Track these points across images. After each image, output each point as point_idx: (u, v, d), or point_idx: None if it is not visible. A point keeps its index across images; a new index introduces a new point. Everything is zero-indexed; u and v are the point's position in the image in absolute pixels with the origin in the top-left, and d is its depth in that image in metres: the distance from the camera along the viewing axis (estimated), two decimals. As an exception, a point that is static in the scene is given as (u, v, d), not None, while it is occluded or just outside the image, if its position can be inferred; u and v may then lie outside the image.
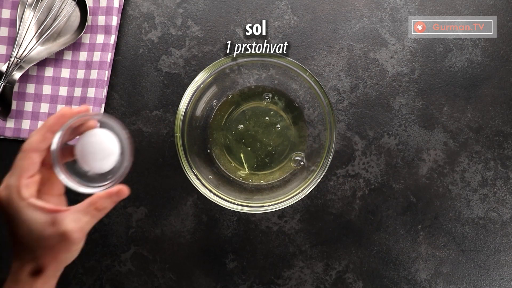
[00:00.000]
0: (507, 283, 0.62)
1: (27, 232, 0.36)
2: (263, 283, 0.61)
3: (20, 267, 0.37)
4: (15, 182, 0.36)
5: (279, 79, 0.58)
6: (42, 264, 0.37)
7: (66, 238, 0.36)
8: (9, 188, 0.36)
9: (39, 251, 0.36)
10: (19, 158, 0.38)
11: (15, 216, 0.36)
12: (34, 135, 0.38)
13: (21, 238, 0.37)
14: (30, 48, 0.59)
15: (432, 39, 0.61)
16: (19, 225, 0.36)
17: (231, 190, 0.56)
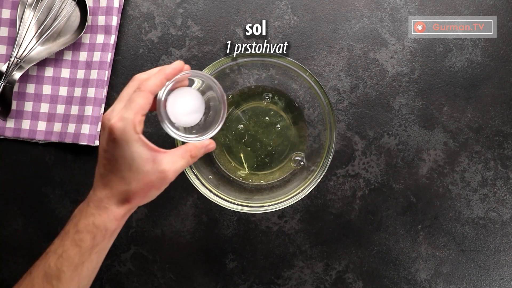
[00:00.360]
0: (507, 283, 0.62)
1: (129, 164, 0.39)
2: (263, 283, 0.61)
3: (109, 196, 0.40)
4: (131, 117, 0.39)
5: (279, 79, 0.58)
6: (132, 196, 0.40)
7: (162, 176, 0.40)
8: (125, 120, 0.39)
9: (134, 183, 0.40)
10: (138, 96, 0.40)
11: (124, 147, 0.39)
12: (153, 78, 0.41)
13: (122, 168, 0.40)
14: (30, 48, 0.59)
15: (432, 39, 0.61)
16: (125, 156, 0.39)
17: (231, 190, 0.56)
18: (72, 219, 0.41)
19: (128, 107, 0.39)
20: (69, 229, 0.41)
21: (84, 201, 0.42)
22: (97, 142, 0.60)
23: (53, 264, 0.39)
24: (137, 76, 0.42)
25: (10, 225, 0.62)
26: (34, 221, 0.62)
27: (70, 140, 0.60)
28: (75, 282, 0.40)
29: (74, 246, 0.40)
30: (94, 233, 0.40)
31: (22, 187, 0.62)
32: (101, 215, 0.40)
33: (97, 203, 0.41)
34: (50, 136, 0.61)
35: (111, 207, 0.41)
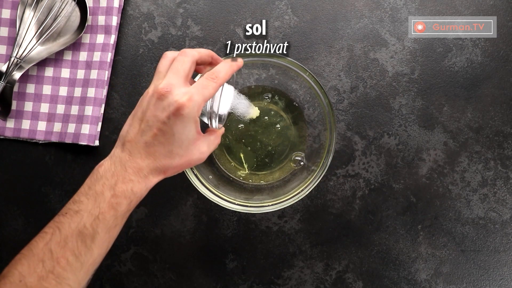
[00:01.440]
0: (507, 283, 0.62)
1: (182, 140, 0.42)
2: (263, 283, 0.61)
3: (151, 165, 0.42)
4: (199, 102, 0.41)
5: (279, 79, 0.58)
6: (170, 169, 0.43)
7: (201, 156, 0.44)
8: (195, 102, 0.41)
9: (177, 158, 0.42)
10: (211, 86, 0.42)
11: (185, 125, 0.41)
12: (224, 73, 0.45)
13: (174, 143, 0.42)
14: (30, 48, 0.59)
15: (432, 39, 0.61)
16: (182, 132, 0.41)
17: (231, 190, 0.56)
18: (104, 180, 0.41)
19: (200, 92, 0.41)
20: (103, 190, 0.40)
21: (116, 163, 0.42)
22: (97, 142, 0.60)
23: (89, 225, 0.40)
24: (189, 52, 0.43)
25: (10, 225, 0.62)
26: (34, 221, 0.62)
27: (70, 140, 0.60)
28: (106, 244, 0.41)
29: (111, 209, 0.40)
30: (131, 199, 0.41)
31: (22, 187, 0.62)
32: (140, 183, 0.41)
33: (136, 170, 0.41)
34: (50, 136, 0.61)
35: (150, 177, 0.42)
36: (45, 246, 0.39)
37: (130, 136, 0.42)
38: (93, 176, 0.42)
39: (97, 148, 0.61)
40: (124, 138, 0.43)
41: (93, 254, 0.40)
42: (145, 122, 0.42)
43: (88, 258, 0.40)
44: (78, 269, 0.39)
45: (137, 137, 0.42)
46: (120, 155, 0.42)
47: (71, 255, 0.39)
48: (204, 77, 0.43)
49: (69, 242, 0.39)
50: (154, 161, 0.42)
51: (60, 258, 0.39)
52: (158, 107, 0.41)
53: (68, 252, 0.39)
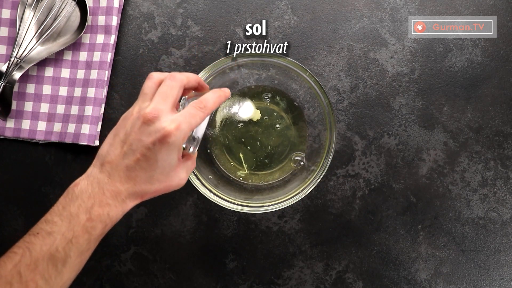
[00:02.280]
0: (507, 283, 0.62)
1: (164, 167, 0.41)
2: (263, 283, 0.61)
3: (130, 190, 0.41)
4: (187, 130, 0.41)
5: (279, 79, 0.58)
6: (148, 194, 0.42)
7: (180, 183, 0.44)
8: (182, 131, 0.40)
9: (156, 184, 0.42)
10: (199, 115, 0.42)
11: (170, 153, 0.41)
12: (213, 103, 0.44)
13: (156, 169, 0.41)
14: (30, 48, 0.59)
15: (432, 39, 0.61)
16: (165, 160, 0.41)
17: (231, 190, 0.56)
18: (79, 201, 0.40)
19: (188, 121, 0.41)
20: (78, 212, 0.39)
21: (94, 184, 0.41)
22: (97, 142, 0.60)
23: (61, 248, 0.38)
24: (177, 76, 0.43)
25: (10, 225, 0.62)
26: (34, 221, 0.61)
27: (70, 140, 0.60)
28: (77, 267, 0.40)
29: (85, 233, 0.39)
30: (106, 223, 0.40)
31: (22, 187, 0.62)
32: (117, 207, 0.41)
33: (114, 194, 0.40)
34: (50, 136, 0.61)
35: (127, 201, 0.41)
36: (13, 268, 0.38)
37: (111, 158, 0.41)
38: (68, 195, 0.41)
39: (97, 148, 0.61)
40: (103, 158, 0.42)
41: (63, 277, 0.39)
42: (128, 145, 0.41)
43: (58, 282, 0.39)
44: None
45: (118, 160, 0.41)
46: (98, 176, 0.41)
47: (40, 278, 0.38)
48: (193, 106, 0.42)
49: (39, 265, 0.38)
50: (134, 185, 0.41)
51: (29, 282, 0.37)
52: (144, 131, 0.40)
53: (38, 275, 0.38)
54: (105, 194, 0.40)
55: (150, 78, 0.43)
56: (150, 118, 0.40)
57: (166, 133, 0.39)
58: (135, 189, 0.41)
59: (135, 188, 0.41)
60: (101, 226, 0.40)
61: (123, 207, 0.41)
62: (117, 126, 0.43)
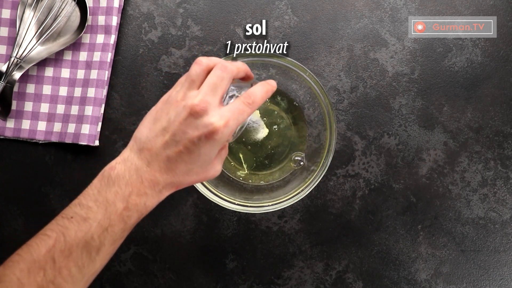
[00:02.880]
0: (507, 283, 0.62)
1: (205, 161, 0.40)
2: (263, 283, 0.61)
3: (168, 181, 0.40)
4: (234, 127, 0.40)
5: (279, 79, 0.58)
6: (184, 184, 0.41)
7: (216, 174, 0.43)
8: (229, 128, 0.39)
9: (194, 176, 0.41)
10: (247, 111, 0.41)
11: (214, 148, 0.40)
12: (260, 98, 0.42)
13: (197, 162, 0.40)
14: (30, 48, 0.59)
15: (432, 39, 0.61)
16: (208, 154, 0.40)
17: (230, 190, 0.56)
18: (116, 187, 0.38)
19: (236, 117, 0.39)
20: (115, 200, 0.38)
21: (132, 170, 0.39)
22: (97, 142, 0.60)
23: (97, 236, 0.38)
24: (229, 67, 0.40)
25: (10, 225, 0.62)
26: (34, 221, 0.62)
27: (70, 140, 0.60)
28: (109, 255, 0.39)
29: (121, 222, 0.38)
30: (142, 213, 0.40)
31: (22, 187, 0.62)
32: (154, 197, 0.40)
33: (153, 183, 0.39)
34: (50, 136, 0.61)
35: (163, 191, 0.40)
36: (47, 253, 0.37)
37: (151, 145, 0.39)
38: (103, 179, 0.39)
39: (97, 148, 0.61)
40: (142, 143, 0.40)
41: (96, 265, 0.38)
42: (171, 135, 0.39)
43: (91, 269, 0.38)
44: (79, 280, 0.38)
45: (159, 149, 0.39)
46: (136, 162, 0.39)
47: (74, 266, 0.37)
48: (241, 101, 0.40)
49: (73, 252, 0.37)
50: (173, 177, 0.40)
51: (62, 269, 0.37)
52: (190, 124, 0.38)
53: (72, 262, 0.37)
54: (143, 183, 0.39)
55: (198, 63, 0.40)
56: (198, 110, 0.38)
57: (214, 129, 0.38)
58: (173, 180, 0.40)
59: (173, 179, 0.40)
60: (137, 216, 0.39)
61: (159, 197, 0.40)
62: (158, 110, 0.40)
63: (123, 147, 0.61)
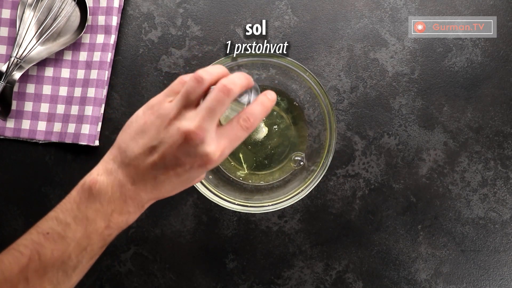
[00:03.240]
0: (507, 283, 0.62)
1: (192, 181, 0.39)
2: (263, 283, 0.61)
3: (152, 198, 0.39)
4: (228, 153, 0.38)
5: (279, 79, 0.58)
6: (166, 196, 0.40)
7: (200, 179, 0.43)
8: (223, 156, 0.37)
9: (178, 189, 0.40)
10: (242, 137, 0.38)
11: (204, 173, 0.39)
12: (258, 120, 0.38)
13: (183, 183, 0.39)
14: (30, 48, 0.59)
15: (432, 39, 0.61)
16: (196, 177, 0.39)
17: (230, 190, 0.56)
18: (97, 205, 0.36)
19: (232, 145, 0.37)
20: (95, 218, 0.36)
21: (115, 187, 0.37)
22: (97, 142, 0.60)
23: (75, 256, 0.36)
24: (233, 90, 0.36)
25: (10, 225, 0.62)
26: (34, 221, 0.61)
27: (70, 140, 0.60)
28: (86, 270, 0.38)
29: (100, 240, 0.37)
30: (122, 229, 0.38)
31: (22, 187, 0.62)
32: (137, 213, 0.38)
33: (136, 202, 0.37)
34: (50, 136, 0.61)
35: (146, 206, 0.39)
36: (20, 272, 0.35)
37: (138, 162, 0.37)
38: (84, 192, 0.37)
39: (97, 148, 0.61)
40: (128, 158, 0.37)
41: (71, 281, 0.37)
42: (160, 157, 0.36)
43: (66, 286, 0.37)
44: None
45: (147, 169, 0.37)
46: (120, 178, 0.37)
47: (49, 284, 0.36)
48: (239, 126, 0.37)
49: (49, 272, 0.35)
50: (157, 194, 0.38)
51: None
52: (183, 150, 0.35)
53: (46, 282, 0.35)
54: (126, 201, 0.37)
55: (199, 81, 0.36)
56: (194, 138, 0.35)
57: (208, 160, 0.36)
58: (157, 196, 0.39)
59: (158, 196, 0.39)
60: (117, 232, 0.38)
61: (141, 211, 0.39)
62: (146, 121, 0.37)
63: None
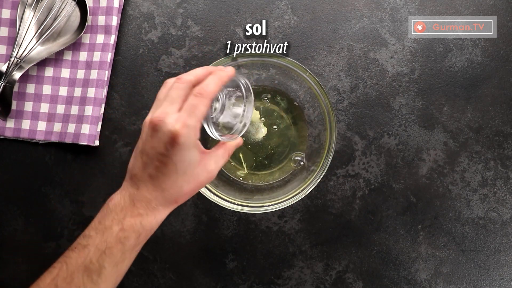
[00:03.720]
0: (507, 283, 0.62)
1: (185, 167, 0.40)
2: (263, 283, 0.61)
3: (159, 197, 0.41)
4: (195, 125, 0.40)
5: (279, 79, 0.58)
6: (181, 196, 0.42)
7: (210, 175, 0.43)
8: (189, 128, 0.39)
9: (185, 185, 0.41)
10: (201, 103, 0.40)
11: (185, 153, 0.40)
12: (213, 84, 0.42)
13: (177, 171, 0.40)
14: (30, 48, 0.59)
15: (432, 39, 0.61)
16: (183, 160, 0.40)
17: (230, 190, 0.56)
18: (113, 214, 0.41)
19: (192, 114, 0.39)
20: (111, 224, 0.40)
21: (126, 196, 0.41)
22: (97, 142, 0.60)
23: (95, 260, 0.39)
24: (184, 78, 0.41)
25: (10, 225, 0.62)
26: (34, 221, 0.62)
27: (70, 140, 0.60)
28: (113, 278, 0.40)
29: (118, 243, 0.40)
30: (140, 233, 0.41)
31: (22, 187, 0.62)
32: (149, 215, 0.41)
33: (145, 203, 0.41)
34: (50, 136, 0.61)
35: (160, 209, 0.41)
36: (51, 281, 0.39)
37: (135, 170, 0.41)
38: (103, 210, 0.41)
39: (97, 148, 0.61)
40: (131, 172, 0.42)
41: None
42: (145, 155, 0.40)
43: None
44: None
45: (141, 171, 0.41)
46: (129, 189, 0.41)
47: None
48: (192, 95, 0.41)
49: (75, 278, 0.39)
50: (162, 193, 0.41)
51: None
52: (155, 138, 0.40)
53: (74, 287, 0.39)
54: (135, 205, 0.41)
55: (164, 85, 0.42)
56: (156, 122, 0.39)
57: (173, 135, 0.38)
58: (164, 195, 0.41)
59: (164, 195, 0.41)
60: (135, 236, 0.40)
61: (156, 214, 0.41)
62: (139, 139, 0.43)
63: (123, 147, 0.61)
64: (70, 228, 0.61)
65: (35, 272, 0.41)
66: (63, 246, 0.61)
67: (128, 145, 0.61)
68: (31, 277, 0.41)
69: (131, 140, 0.61)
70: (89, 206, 0.61)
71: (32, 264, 0.61)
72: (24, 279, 0.61)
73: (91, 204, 0.61)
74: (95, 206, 0.61)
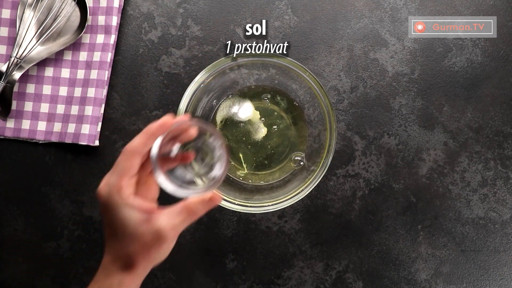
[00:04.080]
0: (507, 283, 0.62)
1: (122, 228, 0.38)
2: (263, 283, 0.61)
3: (112, 261, 0.39)
4: (115, 182, 0.38)
5: (279, 79, 0.58)
6: (133, 260, 0.38)
7: (159, 235, 0.38)
8: (110, 186, 0.38)
9: (131, 247, 0.38)
10: (121, 160, 0.39)
11: (113, 213, 0.38)
12: (137, 139, 0.39)
13: (116, 233, 0.39)
14: (30, 48, 0.59)
15: (432, 39, 0.61)
16: (116, 220, 0.38)
17: (230, 190, 0.56)
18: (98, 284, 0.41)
19: (113, 173, 0.39)
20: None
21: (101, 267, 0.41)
22: (97, 142, 0.60)
23: None
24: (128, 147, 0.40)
25: (10, 225, 0.62)
26: (34, 221, 0.62)
27: (70, 140, 0.60)
28: None
29: None
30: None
31: (22, 187, 0.62)
32: (107, 280, 0.39)
33: (102, 268, 0.40)
34: (50, 136, 0.61)
35: (115, 273, 0.39)
36: None
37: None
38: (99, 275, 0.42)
39: (97, 148, 0.61)
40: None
41: None
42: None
43: None
44: None
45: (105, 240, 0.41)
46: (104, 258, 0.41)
47: None
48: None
49: None
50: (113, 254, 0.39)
51: None
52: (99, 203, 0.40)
53: None
54: (98, 271, 0.40)
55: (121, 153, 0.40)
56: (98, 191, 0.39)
57: (97, 195, 0.39)
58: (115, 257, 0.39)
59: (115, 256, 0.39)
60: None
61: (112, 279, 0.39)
62: None
63: (123, 147, 0.61)
64: (70, 228, 0.61)
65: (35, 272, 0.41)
66: (63, 246, 0.61)
67: (128, 145, 0.61)
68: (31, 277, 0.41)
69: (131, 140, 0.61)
70: (89, 206, 0.61)
71: (32, 264, 0.61)
72: (24, 279, 0.61)
73: (91, 204, 0.61)
74: (95, 206, 0.61)
